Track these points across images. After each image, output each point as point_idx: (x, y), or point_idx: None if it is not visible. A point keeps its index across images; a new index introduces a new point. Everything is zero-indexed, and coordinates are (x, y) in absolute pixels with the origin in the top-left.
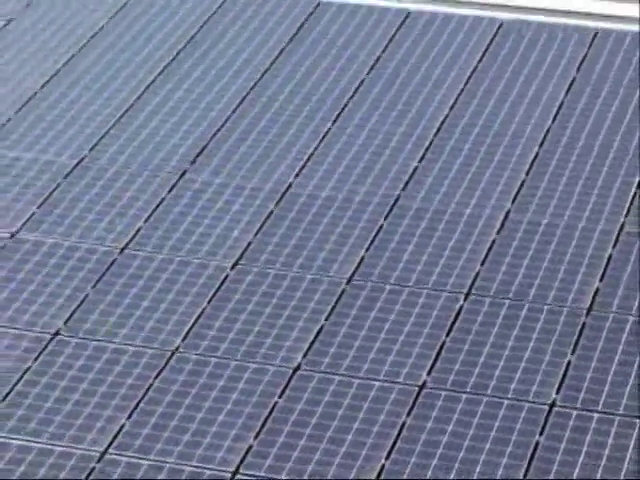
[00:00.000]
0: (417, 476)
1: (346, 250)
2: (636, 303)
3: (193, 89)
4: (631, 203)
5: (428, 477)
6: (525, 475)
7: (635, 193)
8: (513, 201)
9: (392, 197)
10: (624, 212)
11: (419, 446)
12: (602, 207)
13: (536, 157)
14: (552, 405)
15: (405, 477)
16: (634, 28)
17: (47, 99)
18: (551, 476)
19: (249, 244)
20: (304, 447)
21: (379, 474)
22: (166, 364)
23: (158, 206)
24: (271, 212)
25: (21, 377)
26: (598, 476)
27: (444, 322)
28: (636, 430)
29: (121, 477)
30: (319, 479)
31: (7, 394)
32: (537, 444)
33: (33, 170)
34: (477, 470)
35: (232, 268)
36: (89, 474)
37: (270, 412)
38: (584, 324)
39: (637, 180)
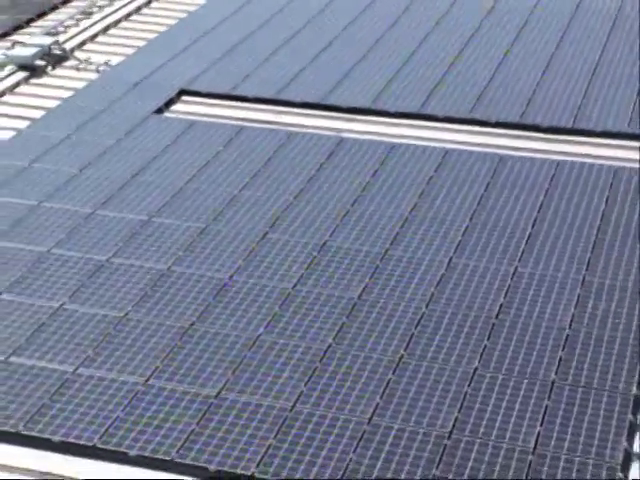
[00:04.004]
0: (398, 411)
1: (355, 283)
2: (525, 310)
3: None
4: (522, 252)
5: (404, 411)
6: (460, 407)
7: (523, 250)
8: (455, 251)
9: (384, 248)
10: (518, 257)
11: (399, 392)
12: (504, 255)
13: (467, 228)
14: (475, 370)
15: (391, 410)
16: (533, 155)
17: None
18: (474, 411)
19: (302, 275)
20: (333, 391)
21: (375, 408)
22: (252, 346)
23: (251, 253)
24: (313, 261)
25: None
26: (500, 414)
27: (413, 322)
28: (524, 384)
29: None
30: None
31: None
32: (466, 393)
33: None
34: (432, 406)
35: (293, 288)
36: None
37: (312, 373)
38: (494, 324)
39: (528, 233)
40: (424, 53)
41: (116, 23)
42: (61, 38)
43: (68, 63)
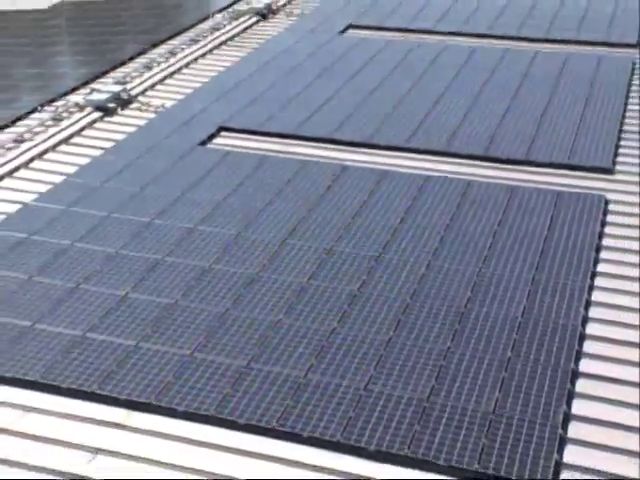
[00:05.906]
0: (388, 379)
1: (355, 279)
2: (487, 302)
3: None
4: (485, 257)
5: (393, 380)
6: (437, 377)
7: (486, 255)
8: (433, 255)
9: (378, 252)
10: (482, 261)
11: (388, 364)
12: (471, 259)
13: (442, 238)
14: (448, 348)
15: (382, 379)
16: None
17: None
18: (447, 380)
19: (313, 273)
20: (337, 364)
21: (370, 378)
22: (274, 327)
23: (274, 255)
24: (322, 261)
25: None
26: (467, 383)
27: (400, 310)
28: (486, 360)
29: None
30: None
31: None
32: (441, 366)
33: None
34: (414, 376)
35: (307, 282)
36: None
37: (321, 349)
38: (462, 313)
39: (490, 242)
40: (409, 100)
41: (171, 75)
42: (128, 86)
43: (133, 106)
